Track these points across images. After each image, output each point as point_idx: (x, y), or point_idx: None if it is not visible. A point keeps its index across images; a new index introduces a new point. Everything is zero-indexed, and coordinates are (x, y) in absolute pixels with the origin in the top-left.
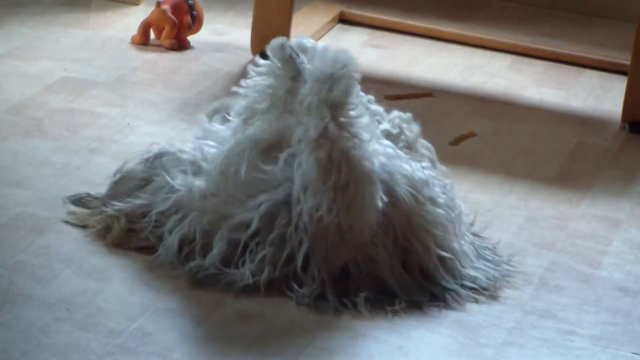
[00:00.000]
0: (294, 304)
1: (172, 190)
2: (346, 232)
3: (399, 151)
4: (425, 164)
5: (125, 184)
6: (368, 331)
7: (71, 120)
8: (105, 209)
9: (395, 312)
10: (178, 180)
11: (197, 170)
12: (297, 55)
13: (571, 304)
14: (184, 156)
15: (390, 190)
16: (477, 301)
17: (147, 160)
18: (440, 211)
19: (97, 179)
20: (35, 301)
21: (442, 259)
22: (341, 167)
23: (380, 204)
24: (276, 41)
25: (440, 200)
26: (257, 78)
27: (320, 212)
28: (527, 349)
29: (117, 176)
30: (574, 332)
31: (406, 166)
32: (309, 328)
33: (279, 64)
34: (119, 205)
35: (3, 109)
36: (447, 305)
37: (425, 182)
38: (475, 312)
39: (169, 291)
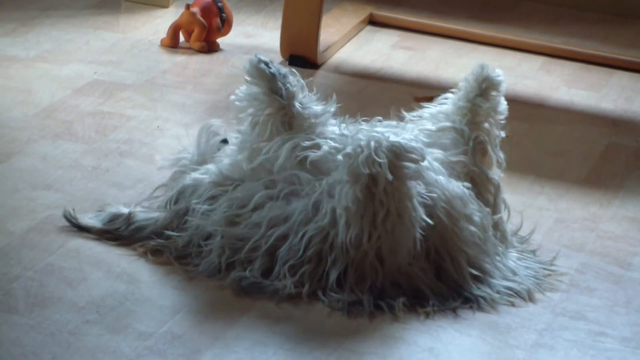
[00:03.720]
0: (326, 308)
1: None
2: (386, 257)
3: (434, 163)
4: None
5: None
6: (398, 333)
7: (101, 123)
8: (150, 241)
9: (427, 314)
10: (206, 207)
11: (223, 192)
12: (269, 66)
13: (602, 305)
14: (206, 182)
15: (426, 207)
16: (512, 304)
17: (170, 201)
18: (473, 229)
19: (126, 181)
20: (65, 304)
21: (474, 276)
22: (383, 199)
23: (421, 231)
24: (252, 62)
25: (475, 218)
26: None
27: (360, 238)
28: (557, 351)
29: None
30: (604, 334)
31: (441, 179)
32: (339, 331)
33: (259, 86)
34: (166, 236)
35: (33, 111)
36: (479, 308)
37: (460, 198)
38: (505, 314)
39: (198, 294)
